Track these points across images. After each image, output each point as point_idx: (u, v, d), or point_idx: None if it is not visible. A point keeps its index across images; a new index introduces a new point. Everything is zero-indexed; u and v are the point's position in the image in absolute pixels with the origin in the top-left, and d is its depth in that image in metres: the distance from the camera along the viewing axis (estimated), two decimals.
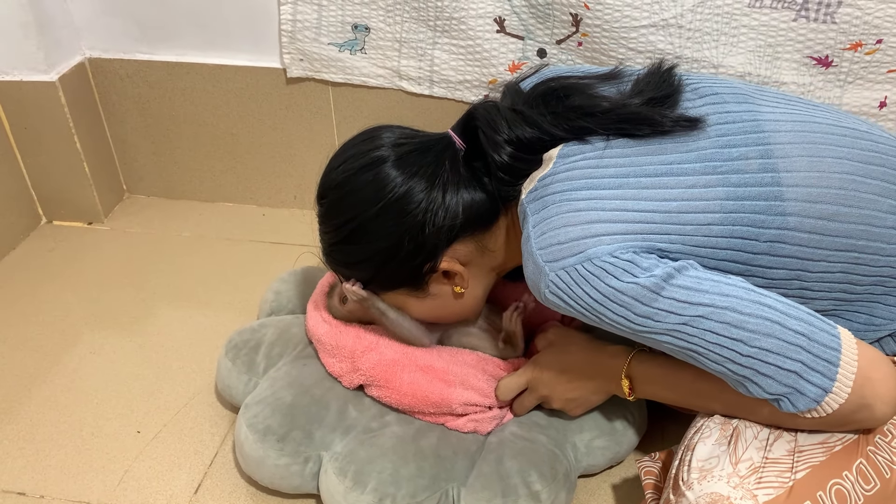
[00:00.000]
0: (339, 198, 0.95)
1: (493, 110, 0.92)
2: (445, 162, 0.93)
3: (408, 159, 0.93)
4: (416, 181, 0.91)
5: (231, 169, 1.66)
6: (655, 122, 0.85)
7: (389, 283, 0.99)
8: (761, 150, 0.81)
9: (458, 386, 1.03)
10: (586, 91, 0.91)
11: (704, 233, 0.79)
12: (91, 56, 1.55)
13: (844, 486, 0.76)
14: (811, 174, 0.80)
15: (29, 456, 1.12)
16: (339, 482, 0.96)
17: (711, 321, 0.75)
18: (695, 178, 0.81)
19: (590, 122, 0.87)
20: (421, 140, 0.96)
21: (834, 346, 0.74)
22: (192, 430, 1.16)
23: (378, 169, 0.92)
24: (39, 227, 1.64)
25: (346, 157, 0.96)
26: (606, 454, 1.04)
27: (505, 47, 1.34)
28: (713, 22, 1.22)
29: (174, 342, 1.32)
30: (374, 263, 0.96)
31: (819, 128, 0.84)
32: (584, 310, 0.79)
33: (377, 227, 0.93)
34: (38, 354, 1.30)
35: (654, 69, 0.93)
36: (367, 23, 1.38)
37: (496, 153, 0.90)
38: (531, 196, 0.86)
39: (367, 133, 0.98)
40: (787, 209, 0.79)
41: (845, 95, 1.24)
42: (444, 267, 0.95)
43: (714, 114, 0.85)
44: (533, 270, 0.82)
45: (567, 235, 0.79)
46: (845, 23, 1.17)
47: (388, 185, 0.91)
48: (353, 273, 1.00)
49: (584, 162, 0.85)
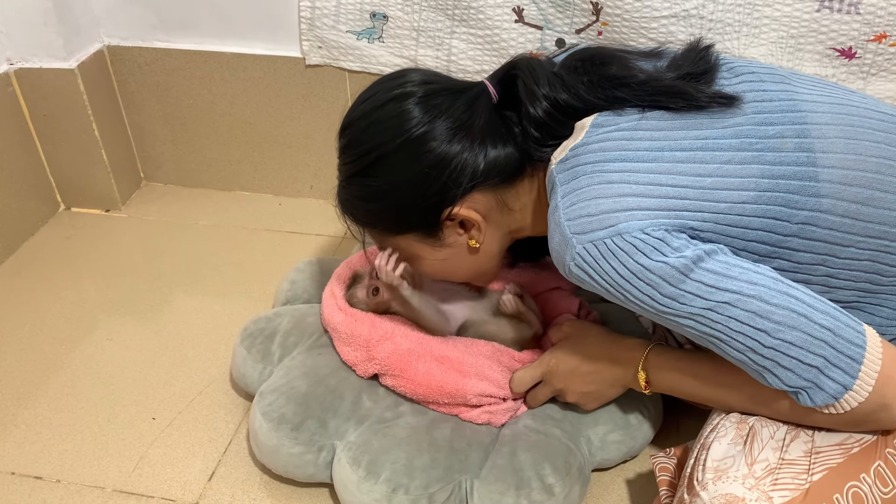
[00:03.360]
0: (362, 129, 0.93)
1: (536, 64, 0.90)
2: (476, 108, 0.91)
3: (436, 99, 0.91)
4: (441, 122, 0.89)
5: (248, 157, 1.66)
6: (691, 95, 0.83)
7: (404, 223, 0.96)
8: (798, 129, 0.80)
9: (473, 377, 1.02)
10: (624, 62, 0.89)
11: (738, 211, 0.77)
12: (110, 44, 1.55)
13: (862, 489, 0.74)
14: (847, 156, 0.79)
15: (46, 441, 1.13)
16: (353, 472, 0.96)
17: (737, 308, 0.74)
18: (730, 153, 0.79)
19: (625, 93, 0.85)
20: (453, 83, 0.94)
21: (859, 344, 0.73)
22: (207, 417, 1.16)
23: (403, 103, 0.90)
24: (57, 214, 1.65)
25: (372, 91, 0.95)
26: (621, 448, 1.03)
27: (523, 37, 1.33)
28: (735, 13, 1.20)
29: (190, 330, 1.33)
30: (391, 199, 0.93)
31: (856, 111, 0.83)
32: (608, 286, 0.78)
33: (397, 161, 0.91)
34: (55, 340, 1.31)
35: (692, 46, 0.91)
36: (386, 11, 1.38)
37: (532, 105, 0.88)
38: (562, 166, 0.84)
39: (397, 72, 0.96)
40: (822, 190, 0.77)
41: (868, 87, 1.22)
42: (462, 214, 0.92)
43: (751, 91, 0.84)
44: (559, 242, 0.80)
45: (598, 207, 0.78)
46: (869, 14, 1.15)
47: (412, 121, 0.89)
48: (368, 207, 0.97)
49: (618, 133, 0.83)
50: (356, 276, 1.15)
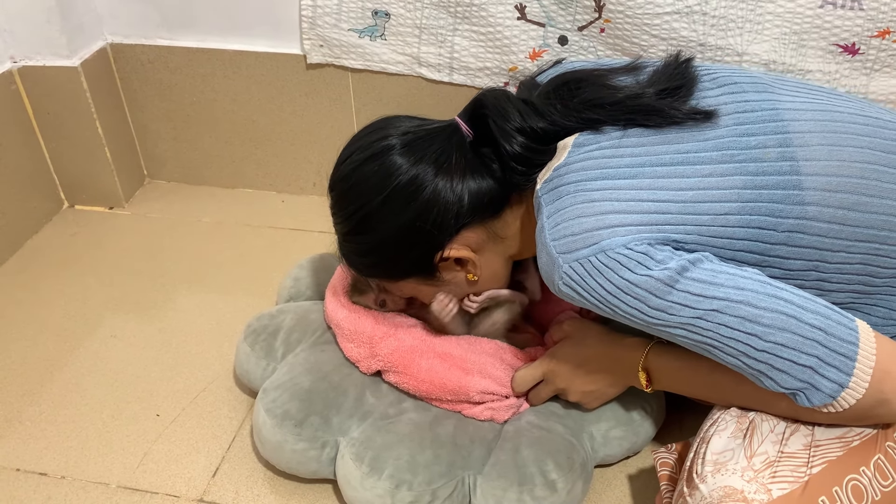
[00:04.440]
0: (346, 189, 0.96)
1: (503, 99, 0.91)
2: (451, 148, 0.92)
3: (414, 147, 0.92)
4: (420, 168, 0.91)
5: (251, 155, 1.66)
6: (666, 113, 0.84)
7: (401, 272, 0.99)
8: (780, 138, 0.80)
9: (476, 374, 1.03)
10: (598, 82, 0.91)
11: (721, 223, 0.78)
12: (113, 41, 1.55)
13: (861, 482, 0.75)
14: (831, 163, 0.79)
15: (50, 437, 1.13)
16: (356, 468, 0.96)
17: (726, 315, 0.74)
18: (711, 166, 0.80)
19: (599, 114, 0.86)
20: (428, 128, 0.95)
21: (851, 341, 0.73)
22: (211, 413, 1.17)
23: (384, 158, 0.92)
24: (61, 212, 1.66)
25: (353, 148, 0.97)
26: (623, 445, 1.03)
27: (526, 34, 1.33)
28: (738, 9, 1.20)
29: (194, 327, 1.33)
30: (383, 253, 0.96)
31: (840, 117, 0.83)
32: (597, 302, 0.79)
33: (384, 215, 0.93)
34: (59, 338, 1.32)
35: (669, 60, 0.92)
36: (388, 9, 1.38)
37: (507, 143, 0.89)
38: (546, 186, 0.85)
39: (376, 124, 0.98)
40: (806, 198, 0.78)
41: (871, 83, 1.22)
42: (453, 255, 0.94)
43: (732, 103, 0.84)
44: (547, 262, 0.82)
45: (581, 226, 0.79)
46: (873, 9, 1.15)
47: (394, 174, 0.91)
48: (365, 262, 1.00)
49: (599, 152, 0.84)
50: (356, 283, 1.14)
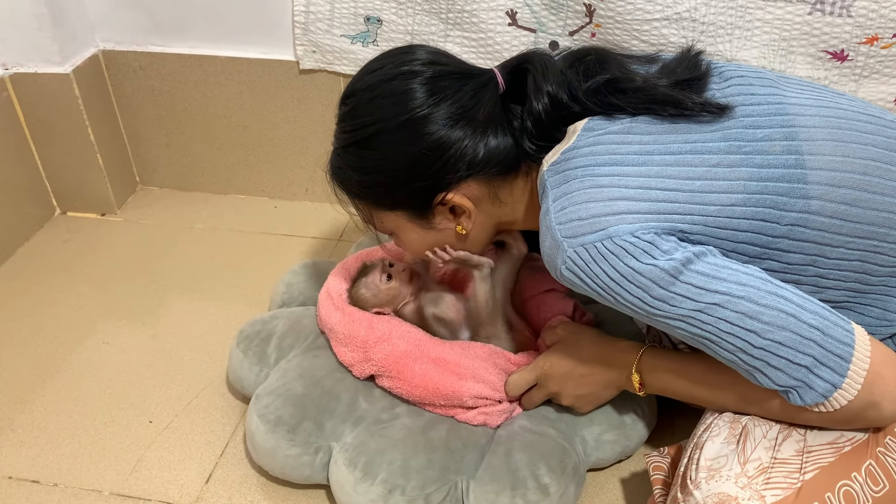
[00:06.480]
0: (366, 100, 0.92)
1: (549, 61, 0.90)
2: (482, 96, 0.90)
3: (443, 81, 0.90)
4: (445, 106, 0.89)
5: (243, 161, 1.66)
6: (682, 104, 0.84)
7: (395, 200, 0.95)
8: (786, 132, 0.81)
9: (470, 379, 1.03)
10: (622, 65, 0.90)
11: (727, 214, 0.78)
12: (105, 48, 1.55)
13: (853, 488, 0.75)
14: (835, 158, 0.79)
15: (43, 444, 1.13)
16: (349, 473, 0.96)
17: (727, 310, 0.75)
18: (719, 157, 0.80)
19: (620, 99, 0.86)
20: (461, 67, 0.94)
21: (847, 342, 0.74)
22: (204, 420, 1.16)
23: (410, 81, 0.89)
24: (53, 218, 1.65)
25: (380, 63, 0.94)
26: (616, 448, 1.04)
27: (517, 40, 1.34)
28: (727, 15, 1.21)
29: (186, 333, 1.33)
30: (385, 175, 0.93)
31: (844, 113, 0.83)
32: (599, 289, 0.79)
33: (396, 138, 0.90)
34: (51, 344, 1.31)
35: (684, 52, 0.92)
36: (380, 15, 1.38)
37: (536, 100, 0.88)
38: (553, 169, 0.85)
39: (406, 47, 0.95)
40: (810, 192, 0.78)
41: (860, 90, 1.23)
42: (455, 200, 0.92)
43: (739, 95, 0.85)
44: (550, 245, 0.81)
45: (588, 211, 0.79)
46: (861, 16, 1.16)
47: (416, 101, 0.89)
48: (360, 179, 0.95)
49: (609, 137, 0.84)
50: (365, 267, 1.15)
